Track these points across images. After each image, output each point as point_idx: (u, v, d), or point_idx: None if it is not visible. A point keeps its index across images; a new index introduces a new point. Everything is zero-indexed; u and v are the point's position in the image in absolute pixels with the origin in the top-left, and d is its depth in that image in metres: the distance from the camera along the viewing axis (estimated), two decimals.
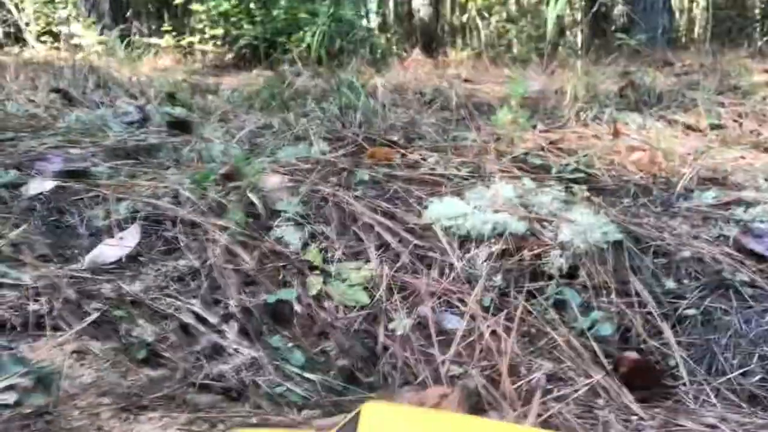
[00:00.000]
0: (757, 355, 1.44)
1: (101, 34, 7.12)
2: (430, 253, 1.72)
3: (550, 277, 1.66)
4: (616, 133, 2.98)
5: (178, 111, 3.10)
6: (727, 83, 4.57)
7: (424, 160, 2.37)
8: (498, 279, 1.62)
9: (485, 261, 1.67)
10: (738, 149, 2.82)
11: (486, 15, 11.62)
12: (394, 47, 9.36)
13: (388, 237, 1.77)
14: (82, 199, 1.95)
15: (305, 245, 1.76)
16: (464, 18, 11.93)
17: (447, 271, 1.67)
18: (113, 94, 3.85)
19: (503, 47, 10.42)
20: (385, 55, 8.34)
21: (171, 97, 3.43)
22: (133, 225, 1.80)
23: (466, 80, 5.57)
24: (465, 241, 1.74)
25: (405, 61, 7.85)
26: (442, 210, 1.79)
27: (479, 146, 2.55)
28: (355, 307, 1.58)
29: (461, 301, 1.57)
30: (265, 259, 1.69)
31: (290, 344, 1.49)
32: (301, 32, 6.72)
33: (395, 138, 2.64)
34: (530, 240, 1.72)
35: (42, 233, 1.76)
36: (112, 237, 1.77)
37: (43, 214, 1.85)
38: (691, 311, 1.58)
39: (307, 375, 1.40)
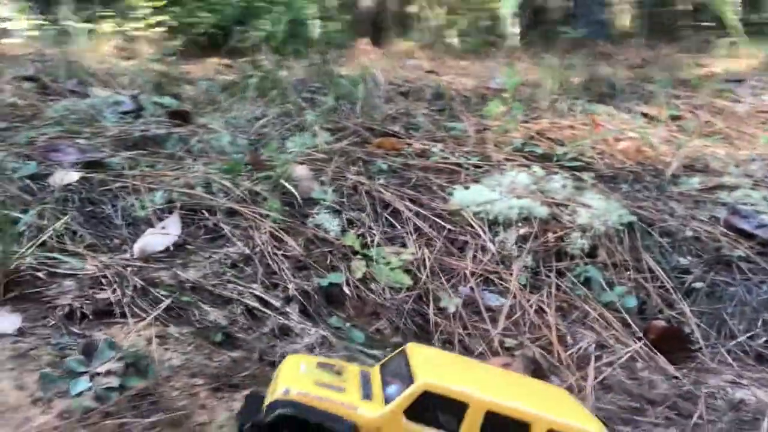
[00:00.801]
0: (760, 320, 1.65)
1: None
2: (462, 237, 1.85)
3: (573, 257, 1.82)
4: (594, 124, 3.19)
5: (168, 101, 3.08)
6: (676, 77, 4.91)
7: (430, 150, 2.49)
8: (529, 259, 1.77)
9: (514, 243, 1.81)
10: (700, 139, 3.09)
11: (432, 6, 11.80)
12: (343, 36, 9.37)
13: (420, 222, 1.89)
14: (110, 189, 1.96)
15: (343, 231, 1.85)
16: (411, 8, 12.06)
17: (480, 253, 1.80)
18: (86, 82, 3.75)
19: (452, 38, 10.64)
20: (341, 45, 8.36)
21: (158, 87, 3.39)
22: (173, 214, 1.83)
23: (429, 71, 5.70)
24: (493, 225, 1.87)
25: (353, 50, 7.90)
26: (469, 196, 1.92)
27: (476, 136, 2.69)
28: (401, 288, 1.69)
29: (501, 280, 1.70)
30: (310, 245, 1.77)
31: (348, 324, 1.58)
32: (259, 20, 6.66)
33: (396, 128, 2.74)
34: (552, 223, 1.88)
35: (81, 224, 1.76)
36: (153, 226, 1.80)
37: (77, 205, 1.85)
38: (699, 284, 1.78)
39: (370, 351, 1.50)
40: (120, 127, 2.59)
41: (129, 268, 1.54)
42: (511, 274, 1.71)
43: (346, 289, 1.67)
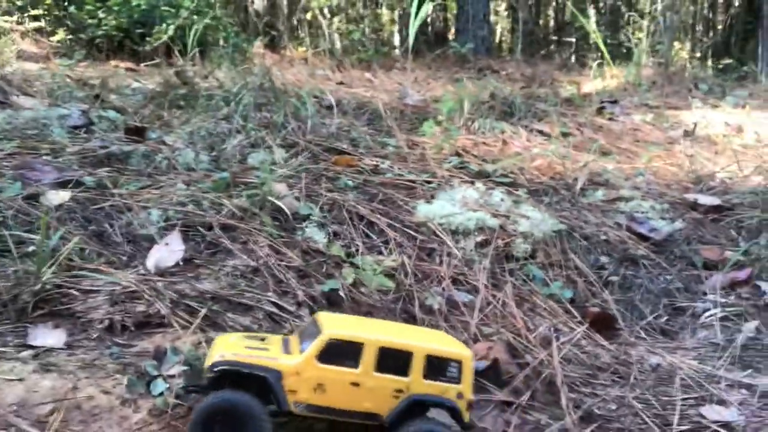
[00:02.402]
0: (661, 303, 2.15)
1: None
2: (430, 245, 2.18)
3: (518, 259, 2.22)
4: (504, 143, 3.67)
5: (113, 115, 3.11)
6: (559, 95, 5.59)
7: (380, 166, 2.79)
8: (486, 263, 2.14)
9: (473, 249, 2.18)
10: (594, 156, 3.66)
11: (328, 15, 12.07)
12: (241, 39, 9.37)
13: (392, 233, 2.19)
14: (102, 208, 2.06)
15: (329, 242, 2.11)
16: (305, 15, 12.24)
17: (446, 258, 2.14)
18: (3, 90, 3.62)
19: (346, 48, 10.96)
20: (238, 48, 8.37)
21: (96, 98, 3.38)
22: (174, 231, 1.98)
23: (340, 83, 5.98)
24: (455, 234, 2.22)
25: (247, 54, 7.98)
26: (433, 210, 2.26)
27: (415, 153, 3.04)
28: (387, 291, 1.99)
29: (467, 280, 2.05)
30: (306, 256, 2.01)
31: None
32: (164, 24, 6.58)
33: (343, 145, 3.01)
34: (499, 232, 2.27)
35: (86, 242, 1.87)
36: (154, 243, 1.95)
37: (77, 224, 1.94)
38: (614, 277, 2.25)
39: None
40: (78, 144, 2.63)
41: (157, 282, 1.70)
42: (475, 276, 2.07)
43: (341, 293, 1.93)
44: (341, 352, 1.27)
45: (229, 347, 1.29)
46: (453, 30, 11.41)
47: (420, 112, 4.25)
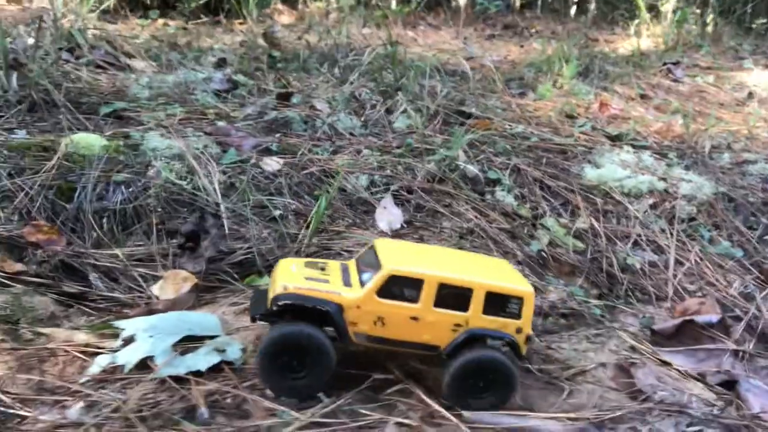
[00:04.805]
0: None
1: None
2: (607, 207, 2.32)
3: (683, 220, 2.37)
4: (602, 105, 3.78)
5: (243, 79, 3.16)
6: (619, 54, 5.67)
7: (517, 130, 2.90)
8: (663, 223, 2.29)
9: (646, 211, 2.33)
10: (673, 116, 3.77)
11: None
12: None
13: (571, 197, 2.33)
14: (312, 174, 2.16)
15: (519, 206, 2.24)
16: None
17: (625, 220, 2.29)
18: (111, 54, 3.62)
19: (368, 4, 10.80)
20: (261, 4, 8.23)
21: (223, 62, 3.41)
22: (387, 195, 2.10)
23: (396, 42, 5.97)
24: (627, 196, 2.37)
25: (269, 10, 7.88)
26: (604, 173, 2.39)
27: (537, 116, 3.15)
28: (582, 251, 2.13)
29: (650, 240, 2.21)
30: (507, 218, 2.14)
31: (561, 281, 2.00)
32: None
33: (472, 110, 3.11)
34: (665, 194, 2.41)
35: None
36: (372, 207, 2.06)
37: (302, 190, 2.05)
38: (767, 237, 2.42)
39: (591, 302, 1.94)
40: (237, 110, 2.69)
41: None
42: (654, 236, 2.22)
43: (544, 254, 2.08)
44: (401, 287, 1.29)
45: (291, 278, 1.31)
46: None
47: (507, 73, 4.31)
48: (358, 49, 4.16)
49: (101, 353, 1.35)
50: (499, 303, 1.32)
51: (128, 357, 1.30)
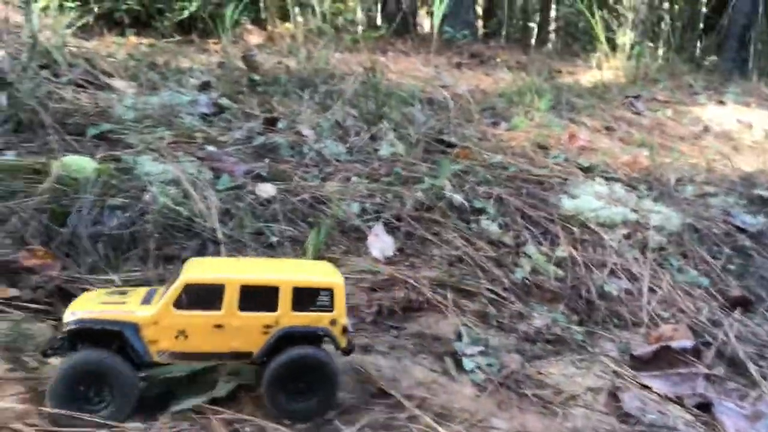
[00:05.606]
0: None
1: None
2: (584, 236, 2.44)
3: (653, 250, 2.51)
4: (571, 136, 3.94)
5: (226, 102, 3.19)
6: (579, 87, 5.90)
7: (497, 160, 3.01)
8: (636, 253, 2.42)
9: (620, 241, 2.45)
10: (636, 148, 3.96)
11: None
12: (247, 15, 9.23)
13: (550, 226, 2.44)
14: (304, 200, 2.21)
15: (502, 234, 2.33)
16: None
17: (600, 249, 2.40)
18: (90, 72, 3.60)
19: (336, 27, 10.93)
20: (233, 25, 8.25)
21: (207, 85, 3.43)
22: (378, 223, 2.16)
23: (370, 68, 6.08)
24: (602, 226, 2.49)
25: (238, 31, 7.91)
26: (580, 204, 2.51)
27: (512, 147, 3.28)
28: (563, 278, 2.23)
29: (624, 269, 2.33)
30: (492, 246, 2.23)
31: (544, 307, 2.09)
32: (186, 1, 6.49)
33: (452, 138, 3.21)
34: (636, 225, 2.55)
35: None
36: (364, 234, 2.12)
37: (296, 216, 2.09)
38: (730, 266, 2.57)
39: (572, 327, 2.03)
40: (224, 134, 2.72)
41: (393, 269, 1.89)
42: (629, 264, 2.34)
43: (527, 281, 2.17)
44: (201, 296, 1.25)
45: (83, 305, 1.27)
46: (425, 12, 11.39)
47: (481, 102, 4.45)
48: (337, 75, 4.25)
49: None
50: (308, 297, 1.29)
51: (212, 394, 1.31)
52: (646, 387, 1.75)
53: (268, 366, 1.27)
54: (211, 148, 2.50)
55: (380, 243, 2.06)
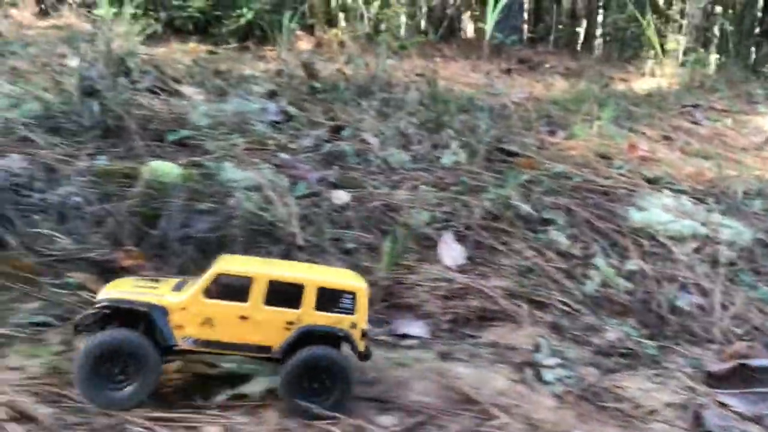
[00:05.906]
0: None
1: None
2: (652, 250, 2.43)
3: (723, 265, 2.47)
4: (632, 147, 3.89)
5: (293, 110, 3.27)
6: (637, 94, 5.81)
7: (560, 170, 3.01)
8: (707, 268, 2.39)
9: (689, 254, 2.43)
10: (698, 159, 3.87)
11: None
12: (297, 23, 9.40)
13: (619, 238, 2.43)
14: (376, 207, 2.27)
15: (571, 245, 2.34)
16: None
17: (670, 262, 2.39)
18: (162, 80, 3.74)
19: (385, 32, 11.01)
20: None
21: (274, 93, 3.53)
22: (447, 231, 2.20)
23: (420, 74, 6.11)
24: (671, 239, 2.47)
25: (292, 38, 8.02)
26: (648, 217, 2.50)
27: (573, 156, 3.27)
28: (632, 291, 2.23)
29: (695, 284, 2.31)
30: (561, 257, 2.24)
31: (608, 318, 2.09)
32: (243, 8, 6.66)
33: (512, 147, 3.23)
34: (706, 239, 2.52)
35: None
36: (434, 243, 2.16)
37: (370, 223, 2.15)
38: None
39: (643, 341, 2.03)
40: (294, 141, 2.80)
41: (466, 278, 1.93)
42: (698, 279, 2.32)
43: (597, 293, 2.17)
44: (230, 287, 1.30)
45: (117, 287, 1.33)
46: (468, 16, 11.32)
47: (536, 110, 4.44)
48: (393, 83, 4.30)
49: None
50: (331, 299, 1.33)
51: (252, 387, 1.38)
52: (723, 405, 1.74)
53: (286, 363, 1.31)
54: (283, 155, 2.58)
55: (451, 251, 2.10)
